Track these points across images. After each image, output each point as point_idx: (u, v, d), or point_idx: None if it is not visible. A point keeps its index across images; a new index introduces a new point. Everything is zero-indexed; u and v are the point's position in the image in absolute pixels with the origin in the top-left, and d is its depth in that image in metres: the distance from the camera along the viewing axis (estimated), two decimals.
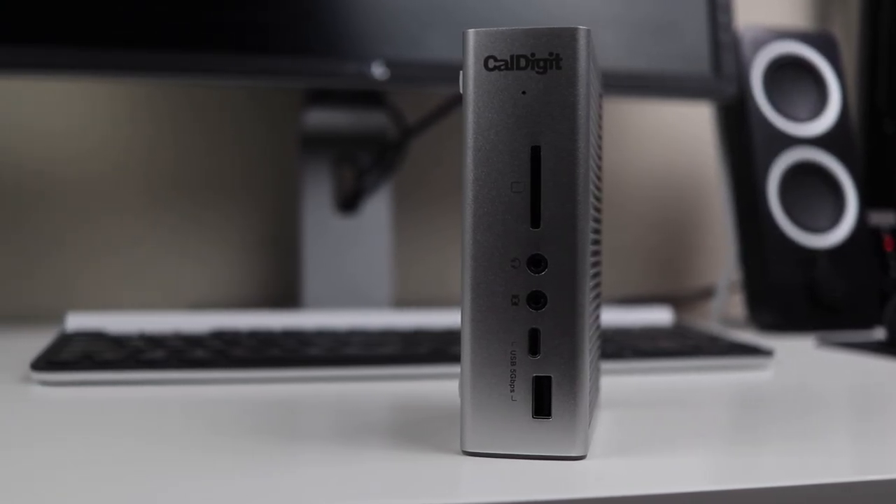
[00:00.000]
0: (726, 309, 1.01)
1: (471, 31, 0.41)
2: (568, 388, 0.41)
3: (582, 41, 0.40)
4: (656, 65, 0.87)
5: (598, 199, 0.47)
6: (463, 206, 0.41)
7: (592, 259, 0.42)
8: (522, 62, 0.41)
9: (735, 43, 0.91)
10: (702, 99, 0.89)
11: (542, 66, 0.40)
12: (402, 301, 1.03)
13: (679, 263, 1.13)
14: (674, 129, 1.12)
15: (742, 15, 1.12)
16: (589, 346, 0.41)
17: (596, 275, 0.45)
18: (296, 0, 0.81)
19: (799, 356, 0.73)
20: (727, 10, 0.89)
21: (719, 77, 0.88)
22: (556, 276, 0.40)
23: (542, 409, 0.41)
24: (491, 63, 0.41)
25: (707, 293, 1.07)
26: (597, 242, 0.46)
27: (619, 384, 0.60)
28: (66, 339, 0.67)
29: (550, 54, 0.40)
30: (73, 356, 0.61)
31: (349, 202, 0.88)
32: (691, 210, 1.13)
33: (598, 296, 0.48)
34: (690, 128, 1.13)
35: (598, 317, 0.48)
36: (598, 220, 0.46)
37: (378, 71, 0.81)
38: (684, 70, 0.87)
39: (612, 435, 0.46)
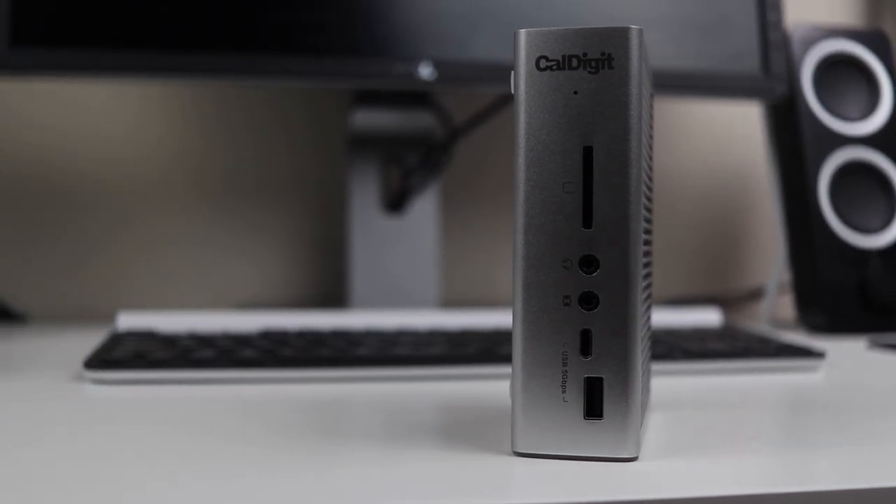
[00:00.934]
0: (775, 310, 1.00)
1: (522, 31, 0.41)
2: (620, 390, 0.40)
3: (634, 40, 0.40)
4: (705, 64, 0.86)
5: (649, 199, 0.46)
6: (515, 207, 0.41)
7: (644, 259, 0.42)
8: (574, 62, 0.40)
9: (785, 41, 0.90)
10: (751, 98, 0.88)
11: (595, 65, 0.40)
12: (450, 301, 1.03)
13: (727, 264, 1.12)
14: (723, 128, 1.11)
15: (792, 13, 1.11)
16: (641, 348, 0.41)
17: (647, 275, 0.45)
18: (344, 1, 0.81)
19: (850, 358, 0.72)
20: (777, 8, 0.88)
21: (769, 76, 0.87)
22: (608, 276, 0.40)
23: (593, 410, 0.41)
24: (543, 63, 0.41)
25: (755, 294, 1.06)
26: (648, 243, 0.46)
27: (668, 385, 0.60)
28: (117, 339, 0.68)
29: (603, 54, 0.40)
30: (125, 355, 0.61)
31: (396, 202, 0.88)
32: (740, 210, 1.12)
33: (649, 296, 0.47)
34: (739, 127, 1.12)
35: (649, 318, 0.47)
36: (649, 221, 0.46)
37: (426, 71, 0.81)
38: (733, 69, 0.87)
39: (662, 437, 0.46)
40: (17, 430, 0.47)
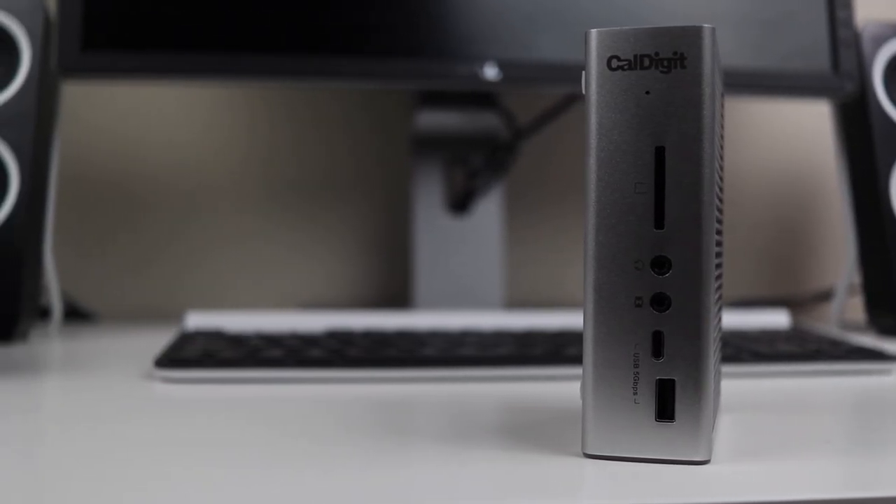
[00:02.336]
0: (845, 312, 0.98)
1: (593, 31, 0.41)
2: (692, 392, 0.40)
3: (707, 40, 0.40)
4: (774, 62, 0.85)
5: (720, 199, 0.46)
6: (586, 208, 0.41)
7: (715, 260, 0.41)
8: (646, 62, 0.40)
9: (855, 39, 0.88)
10: (820, 97, 0.87)
11: (667, 65, 0.40)
12: (515, 302, 1.03)
13: (795, 265, 1.10)
14: (791, 127, 1.10)
15: (862, 10, 1.09)
16: (713, 349, 0.41)
17: (718, 276, 0.45)
18: (408, 2, 0.81)
19: None
20: (847, 5, 0.86)
21: (838, 74, 0.86)
22: (681, 277, 0.40)
23: (665, 412, 0.41)
24: (614, 63, 0.41)
25: (824, 296, 1.04)
26: (719, 244, 0.45)
27: (736, 388, 0.59)
28: (186, 338, 0.69)
29: (675, 53, 0.40)
30: (194, 354, 0.62)
31: (461, 203, 0.88)
32: (808, 210, 1.10)
33: (720, 298, 0.47)
34: (808, 126, 1.10)
35: (720, 319, 0.47)
36: (720, 221, 0.46)
37: (490, 72, 0.81)
38: (802, 67, 0.86)
39: (734, 439, 0.46)
40: (91, 426, 0.48)
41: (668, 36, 0.40)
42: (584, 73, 0.41)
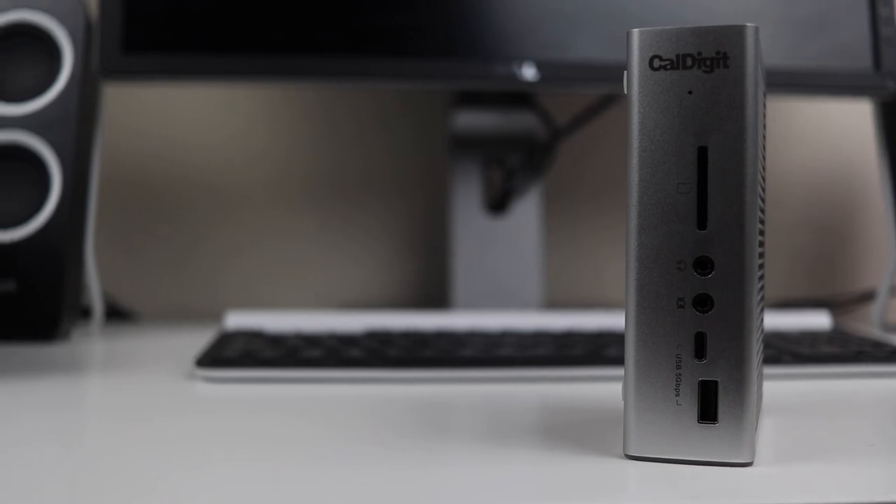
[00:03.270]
0: (887, 313, 0.97)
1: (636, 31, 0.41)
2: (735, 393, 0.40)
3: (750, 39, 0.39)
4: (815, 61, 0.84)
5: (762, 199, 0.46)
6: (628, 208, 0.41)
7: (758, 261, 0.41)
8: (689, 61, 0.40)
9: None
10: (862, 96, 0.86)
11: (709, 65, 0.40)
12: (554, 302, 1.03)
13: (836, 266, 1.09)
14: (832, 125, 1.09)
15: None
16: (756, 350, 0.40)
17: (761, 277, 0.44)
18: (445, 2, 0.81)
19: None
20: (889, 2, 0.86)
21: (880, 72, 0.85)
22: (724, 278, 0.40)
23: (707, 413, 0.40)
24: (656, 63, 0.40)
25: (866, 297, 1.03)
26: (761, 244, 0.45)
27: (778, 390, 0.59)
28: (227, 337, 0.69)
29: (718, 53, 0.40)
30: (234, 354, 0.63)
31: (499, 203, 0.88)
32: (849, 210, 1.09)
33: (762, 299, 0.47)
34: (850, 125, 1.09)
35: (762, 320, 0.46)
36: (762, 222, 0.45)
37: (528, 72, 0.81)
38: (844, 66, 0.85)
39: (776, 441, 0.45)
40: (133, 424, 0.48)
41: (711, 35, 0.40)
42: (625, 72, 0.41)
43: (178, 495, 0.36)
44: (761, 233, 0.45)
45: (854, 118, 1.09)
